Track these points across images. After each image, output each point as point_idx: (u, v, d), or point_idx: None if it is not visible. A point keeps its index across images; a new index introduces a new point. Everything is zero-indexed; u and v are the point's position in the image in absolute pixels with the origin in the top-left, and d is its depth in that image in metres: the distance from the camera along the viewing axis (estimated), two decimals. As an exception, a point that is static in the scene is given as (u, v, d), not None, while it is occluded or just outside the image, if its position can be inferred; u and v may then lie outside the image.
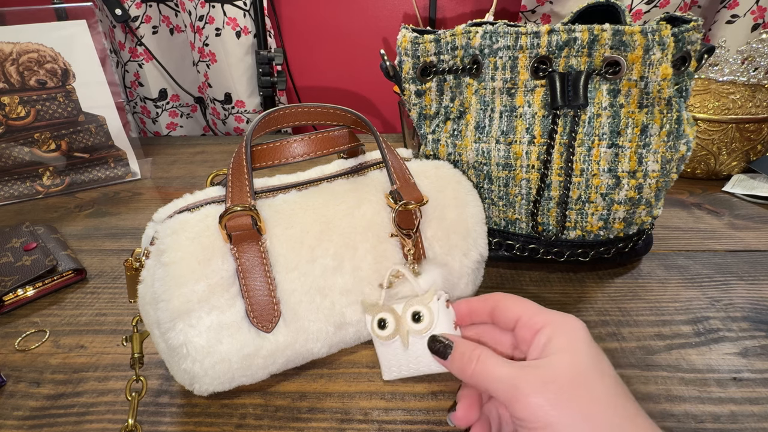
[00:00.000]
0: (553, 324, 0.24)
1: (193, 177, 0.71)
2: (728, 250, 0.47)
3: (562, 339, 0.24)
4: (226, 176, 0.30)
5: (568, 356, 0.23)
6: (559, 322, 0.24)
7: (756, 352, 0.34)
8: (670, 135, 0.36)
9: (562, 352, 0.23)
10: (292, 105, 0.33)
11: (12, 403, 0.31)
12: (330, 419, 0.30)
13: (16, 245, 0.47)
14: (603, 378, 0.22)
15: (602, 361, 0.23)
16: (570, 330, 0.24)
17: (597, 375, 0.22)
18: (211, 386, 0.28)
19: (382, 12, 0.90)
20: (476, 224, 0.38)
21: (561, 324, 0.24)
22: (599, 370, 0.23)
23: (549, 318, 0.25)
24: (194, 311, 0.27)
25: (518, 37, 0.35)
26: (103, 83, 0.64)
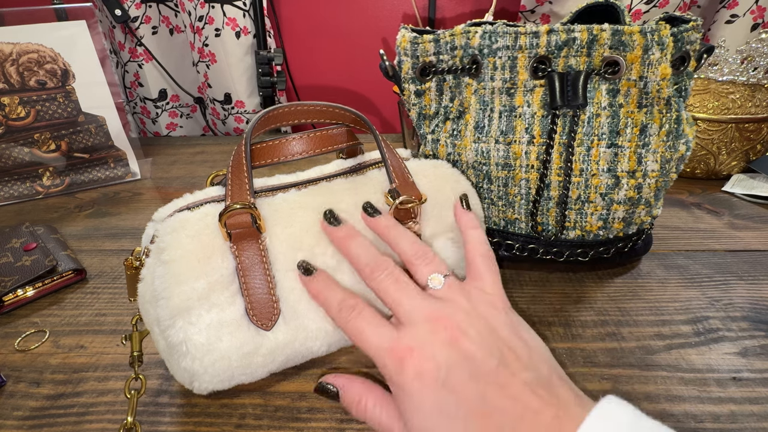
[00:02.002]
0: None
1: (193, 177, 0.71)
2: (728, 250, 0.47)
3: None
4: (226, 175, 0.30)
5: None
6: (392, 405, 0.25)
7: (756, 351, 0.34)
8: (669, 135, 0.36)
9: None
10: (291, 103, 0.33)
11: (12, 403, 0.31)
12: (330, 419, 0.30)
13: (16, 245, 0.47)
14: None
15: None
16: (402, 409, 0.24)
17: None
18: (211, 384, 0.28)
19: (382, 12, 0.90)
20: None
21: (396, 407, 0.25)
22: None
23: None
24: (194, 309, 0.27)
25: (517, 37, 0.35)
26: (103, 83, 0.64)
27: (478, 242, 0.31)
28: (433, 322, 0.25)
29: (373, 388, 0.27)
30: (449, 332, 0.24)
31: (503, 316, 0.26)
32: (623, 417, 0.20)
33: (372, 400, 0.26)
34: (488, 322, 0.25)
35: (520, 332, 0.26)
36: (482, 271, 0.29)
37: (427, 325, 0.25)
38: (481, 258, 0.30)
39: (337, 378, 0.28)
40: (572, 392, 0.23)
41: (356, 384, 0.27)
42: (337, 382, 0.28)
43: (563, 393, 0.22)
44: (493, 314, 0.26)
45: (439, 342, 0.24)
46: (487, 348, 0.24)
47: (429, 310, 0.26)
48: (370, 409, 0.26)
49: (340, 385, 0.27)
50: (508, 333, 0.25)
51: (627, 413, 0.20)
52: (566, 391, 0.23)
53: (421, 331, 0.25)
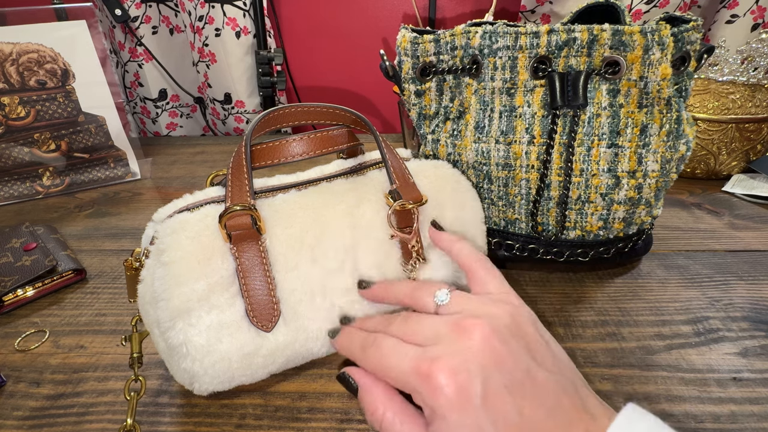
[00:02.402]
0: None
1: (193, 177, 0.71)
2: (728, 250, 0.47)
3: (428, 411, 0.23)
4: (226, 176, 0.30)
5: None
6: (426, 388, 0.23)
7: (756, 352, 0.34)
8: (669, 135, 0.36)
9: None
10: (291, 104, 0.33)
11: (12, 403, 0.31)
12: (330, 419, 0.30)
13: (16, 245, 0.47)
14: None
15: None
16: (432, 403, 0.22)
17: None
18: (211, 385, 0.28)
19: (382, 12, 0.90)
20: (475, 224, 0.38)
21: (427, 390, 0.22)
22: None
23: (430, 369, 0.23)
24: (194, 310, 0.27)
25: (518, 37, 0.35)
26: (103, 83, 0.64)
27: (469, 252, 0.30)
28: (459, 329, 0.23)
29: (395, 398, 0.25)
30: (479, 333, 0.22)
31: (524, 312, 0.26)
32: (645, 426, 0.20)
33: (392, 412, 0.24)
34: (513, 320, 0.24)
35: (540, 330, 0.25)
36: (484, 277, 0.29)
37: (453, 333, 0.23)
38: (478, 264, 0.29)
39: (361, 375, 0.27)
40: (597, 401, 0.22)
41: (378, 389, 0.25)
42: (360, 379, 0.26)
43: (591, 403, 0.22)
44: (514, 311, 0.25)
45: (469, 348, 0.22)
46: (516, 349, 0.23)
47: (449, 321, 0.24)
48: (389, 420, 0.24)
49: (362, 384, 0.26)
50: (533, 331, 0.24)
51: (649, 422, 0.20)
52: (593, 400, 0.22)
53: (447, 342, 0.23)
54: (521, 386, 0.21)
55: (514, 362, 0.22)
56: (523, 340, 0.23)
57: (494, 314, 0.24)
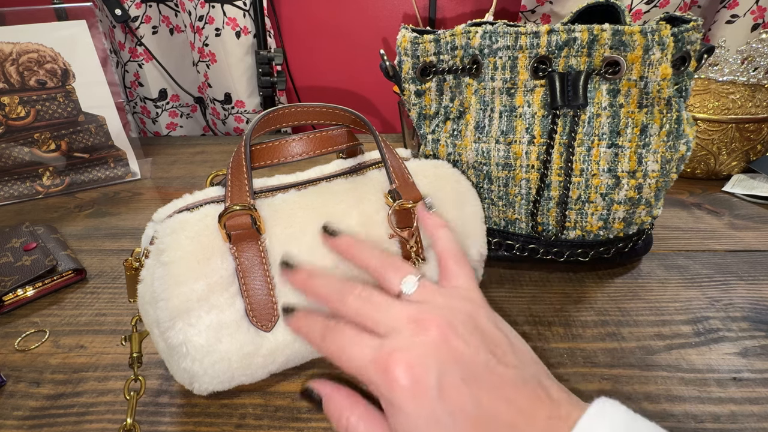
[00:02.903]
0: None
1: (193, 177, 0.71)
2: (728, 250, 0.47)
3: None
4: (226, 176, 0.30)
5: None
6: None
7: (756, 352, 0.34)
8: (669, 135, 0.36)
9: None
10: (291, 105, 0.33)
11: (12, 403, 0.31)
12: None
13: (16, 245, 0.47)
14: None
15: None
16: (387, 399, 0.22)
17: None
18: (211, 385, 0.28)
19: (382, 12, 0.90)
20: (475, 223, 0.38)
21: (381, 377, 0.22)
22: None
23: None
24: (194, 310, 0.27)
25: (518, 37, 0.35)
26: (103, 83, 0.64)
27: (447, 241, 0.30)
28: (416, 323, 0.23)
29: (358, 402, 0.25)
30: (437, 330, 0.23)
31: (483, 311, 0.26)
32: (618, 417, 0.20)
33: (355, 416, 0.24)
34: (471, 318, 0.24)
35: (501, 327, 0.25)
36: (455, 270, 0.28)
37: (411, 327, 0.23)
38: (452, 258, 0.29)
39: (322, 385, 0.27)
40: (562, 391, 0.22)
41: (340, 396, 0.26)
42: (322, 389, 0.26)
43: (553, 392, 0.22)
44: (473, 309, 0.25)
45: (426, 342, 0.22)
46: (474, 345, 0.23)
47: (409, 313, 0.24)
48: (353, 425, 0.24)
49: (324, 393, 0.26)
50: (492, 328, 0.24)
51: (621, 413, 0.20)
52: (556, 389, 0.22)
53: (405, 335, 0.23)
54: (479, 379, 0.22)
55: (471, 357, 0.22)
56: (482, 337, 0.23)
57: (455, 310, 0.24)
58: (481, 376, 0.22)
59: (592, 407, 0.20)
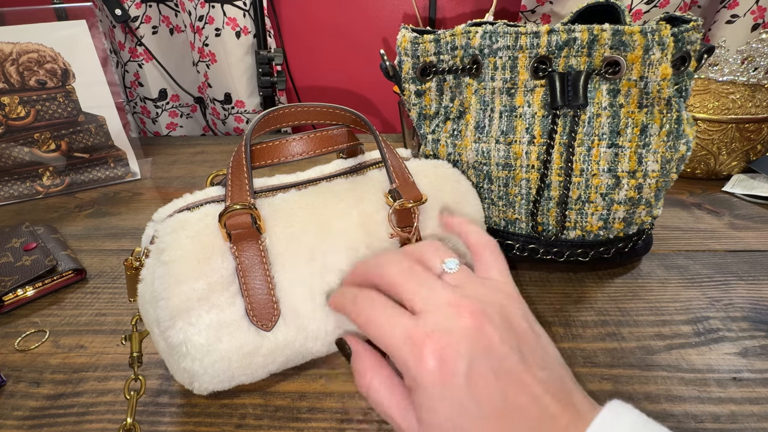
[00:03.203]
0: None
1: (193, 177, 0.71)
2: (728, 250, 0.47)
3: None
4: (226, 176, 0.30)
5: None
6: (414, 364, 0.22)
7: (756, 352, 0.34)
8: (669, 135, 0.36)
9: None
10: (291, 104, 0.33)
11: (12, 403, 0.31)
12: (330, 419, 0.30)
13: (16, 245, 0.47)
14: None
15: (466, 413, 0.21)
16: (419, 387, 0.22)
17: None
18: (211, 385, 0.28)
19: (382, 12, 0.90)
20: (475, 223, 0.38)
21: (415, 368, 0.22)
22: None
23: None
24: (194, 309, 0.27)
25: (518, 37, 0.35)
26: (103, 83, 0.64)
27: (480, 234, 0.30)
28: (454, 306, 0.23)
29: (383, 366, 0.25)
30: (474, 318, 0.23)
31: (517, 305, 0.26)
32: (630, 420, 0.20)
33: (378, 379, 0.24)
34: (506, 311, 0.24)
35: (533, 325, 0.25)
36: (491, 262, 0.28)
37: (449, 309, 0.23)
38: (488, 249, 0.29)
39: (355, 341, 0.27)
40: (583, 395, 0.22)
41: (369, 356, 0.26)
42: (354, 345, 0.27)
43: (577, 397, 0.22)
44: (508, 303, 0.25)
45: (461, 328, 0.22)
46: (507, 340, 0.23)
47: (449, 295, 0.24)
48: (375, 387, 0.24)
49: (356, 350, 0.26)
50: (524, 325, 0.24)
51: (634, 416, 0.20)
52: (579, 395, 0.22)
53: (442, 317, 0.23)
54: (507, 373, 0.22)
55: (502, 350, 0.22)
56: (515, 332, 0.23)
57: (492, 301, 0.24)
58: (510, 370, 0.22)
59: (605, 410, 0.20)
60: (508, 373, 0.22)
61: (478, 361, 0.22)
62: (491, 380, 0.21)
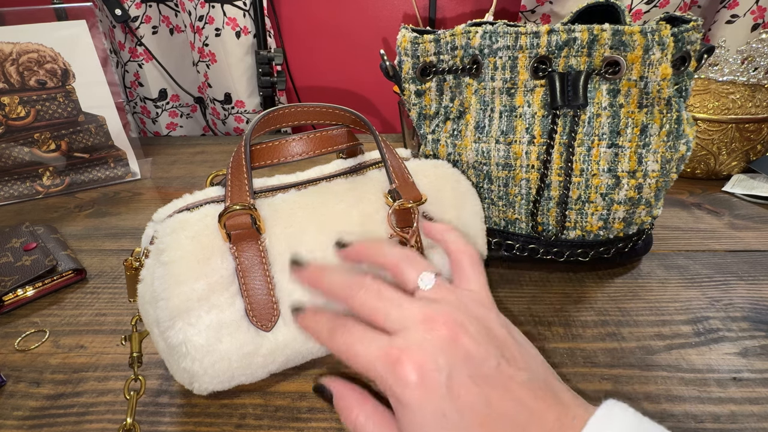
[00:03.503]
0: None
1: (193, 177, 0.71)
2: (728, 250, 0.47)
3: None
4: (226, 176, 0.30)
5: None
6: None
7: (756, 352, 0.34)
8: (669, 135, 0.36)
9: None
10: (291, 105, 0.33)
11: (12, 403, 0.31)
12: (330, 419, 0.30)
13: (16, 245, 0.47)
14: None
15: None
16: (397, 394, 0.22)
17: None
18: (211, 385, 0.28)
19: (382, 12, 0.90)
20: (475, 223, 0.38)
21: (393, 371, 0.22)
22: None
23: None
24: (194, 310, 0.27)
25: (518, 37, 0.35)
26: (103, 83, 0.64)
27: (460, 242, 0.30)
28: (428, 322, 0.23)
29: (367, 400, 0.25)
30: (447, 329, 0.23)
31: (494, 315, 0.26)
32: (626, 419, 0.20)
33: (364, 414, 0.24)
34: (483, 321, 0.25)
35: (512, 332, 0.25)
36: (469, 273, 0.28)
37: (422, 325, 0.23)
38: (467, 258, 0.29)
39: (334, 382, 0.27)
40: (570, 394, 0.23)
41: (350, 393, 0.26)
42: (334, 386, 0.27)
43: (562, 395, 0.22)
44: (485, 314, 0.25)
45: (436, 340, 0.22)
46: (485, 347, 0.23)
47: (422, 311, 0.24)
48: (361, 423, 0.24)
49: (335, 390, 0.26)
50: (503, 332, 0.25)
51: (629, 416, 0.20)
52: (565, 392, 0.23)
53: (415, 333, 0.23)
54: (488, 379, 0.22)
55: (481, 357, 0.22)
56: (493, 339, 0.24)
57: (467, 312, 0.25)
58: (490, 376, 0.22)
59: (600, 409, 0.21)
60: (488, 379, 0.22)
61: (457, 371, 0.22)
62: (473, 388, 0.21)
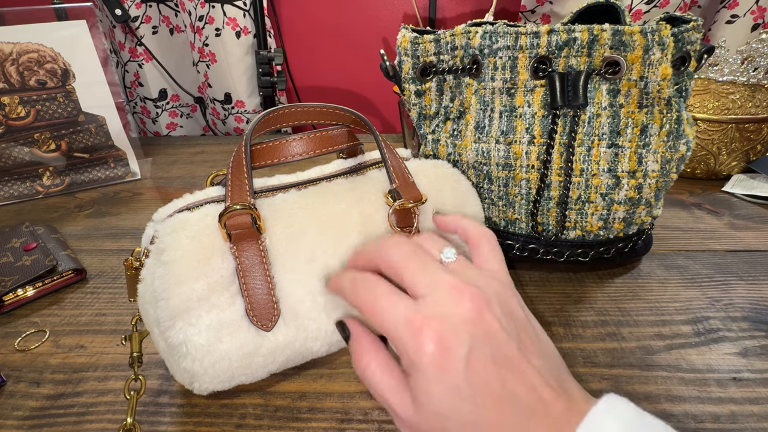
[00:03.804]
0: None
1: (193, 177, 0.71)
2: (728, 250, 0.47)
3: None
4: (226, 176, 0.30)
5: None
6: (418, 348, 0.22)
7: (756, 352, 0.34)
8: (669, 135, 0.36)
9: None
10: (291, 104, 0.33)
11: (12, 403, 0.31)
12: (330, 419, 0.30)
13: (16, 245, 0.47)
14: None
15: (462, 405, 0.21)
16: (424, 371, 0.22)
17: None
18: (211, 385, 0.28)
19: (382, 12, 0.90)
20: (476, 224, 0.38)
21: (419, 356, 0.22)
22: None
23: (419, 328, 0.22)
24: (194, 310, 0.27)
25: (518, 37, 0.35)
26: (103, 83, 0.64)
27: (477, 227, 0.30)
28: (456, 291, 0.23)
29: (381, 350, 0.25)
30: (474, 303, 0.22)
31: (515, 296, 0.26)
32: (627, 413, 0.20)
33: (375, 363, 0.24)
34: (505, 300, 0.24)
35: (529, 316, 0.25)
36: (488, 254, 0.28)
37: (450, 293, 0.23)
38: (485, 240, 0.29)
39: (354, 324, 0.27)
40: (577, 386, 0.23)
41: (367, 339, 0.26)
42: (353, 327, 0.26)
43: (571, 387, 0.22)
44: (507, 293, 0.25)
45: (462, 314, 0.22)
46: (506, 327, 0.23)
47: (451, 280, 0.24)
48: (371, 370, 0.24)
49: (353, 331, 0.26)
50: (522, 315, 0.25)
51: (629, 409, 0.20)
52: (573, 385, 0.23)
53: (443, 301, 0.23)
54: (507, 361, 0.22)
55: (502, 337, 0.22)
56: (514, 320, 0.24)
57: (493, 290, 0.24)
58: (509, 357, 0.22)
59: (601, 402, 0.21)
60: (506, 360, 0.22)
61: (477, 347, 0.22)
62: (491, 367, 0.21)
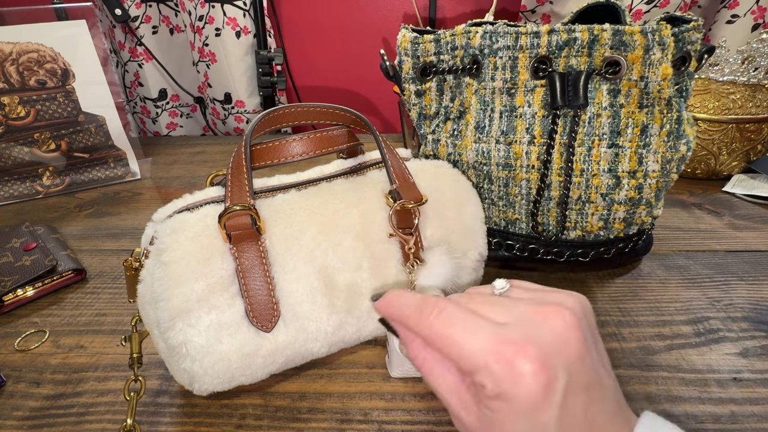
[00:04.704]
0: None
1: (193, 177, 0.71)
2: (728, 250, 0.47)
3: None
4: (226, 176, 0.30)
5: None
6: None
7: (756, 352, 0.34)
8: (670, 135, 0.36)
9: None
10: (291, 105, 0.33)
11: (12, 403, 0.31)
12: (330, 419, 0.30)
13: (16, 245, 0.47)
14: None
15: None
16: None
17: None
18: (211, 386, 0.28)
19: (382, 12, 0.90)
20: (475, 223, 0.38)
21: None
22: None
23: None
24: (194, 310, 0.27)
25: (518, 37, 0.35)
26: (103, 83, 0.64)
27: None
28: (541, 314, 0.21)
29: (434, 351, 0.23)
30: (564, 322, 0.20)
31: (587, 302, 0.24)
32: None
33: (432, 357, 0.22)
34: (585, 310, 0.22)
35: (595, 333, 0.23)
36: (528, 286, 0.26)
37: (536, 317, 0.21)
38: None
39: (401, 329, 0.24)
40: (626, 404, 0.22)
41: (417, 342, 0.23)
42: (401, 332, 0.24)
43: (624, 405, 0.21)
44: (582, 300, 0.23)
45: (556, 338, 0.20)
46: (590, 345, 0.21)
47: (527, 304, 0.21)
48: (429, 362, 0.22)
49: (403, 336, 0.24)
50: (595, 324, 0.23)
51: (669, 428, 0.20)
52: (624, 402, 0.22)
53: (529, 324, 0.20)
54: (593, 388, 0.20)
55: (590, 359, 0.20)
56: (593, 336, 0.22)
57: (569, 304, 0.22)
58: (594, 384, 0.20)
59: (642, 425, 0.20)
60: (592, 387, 0.20)
61: (573, 377, 0.20)
62: (581, 397, 0.20)
